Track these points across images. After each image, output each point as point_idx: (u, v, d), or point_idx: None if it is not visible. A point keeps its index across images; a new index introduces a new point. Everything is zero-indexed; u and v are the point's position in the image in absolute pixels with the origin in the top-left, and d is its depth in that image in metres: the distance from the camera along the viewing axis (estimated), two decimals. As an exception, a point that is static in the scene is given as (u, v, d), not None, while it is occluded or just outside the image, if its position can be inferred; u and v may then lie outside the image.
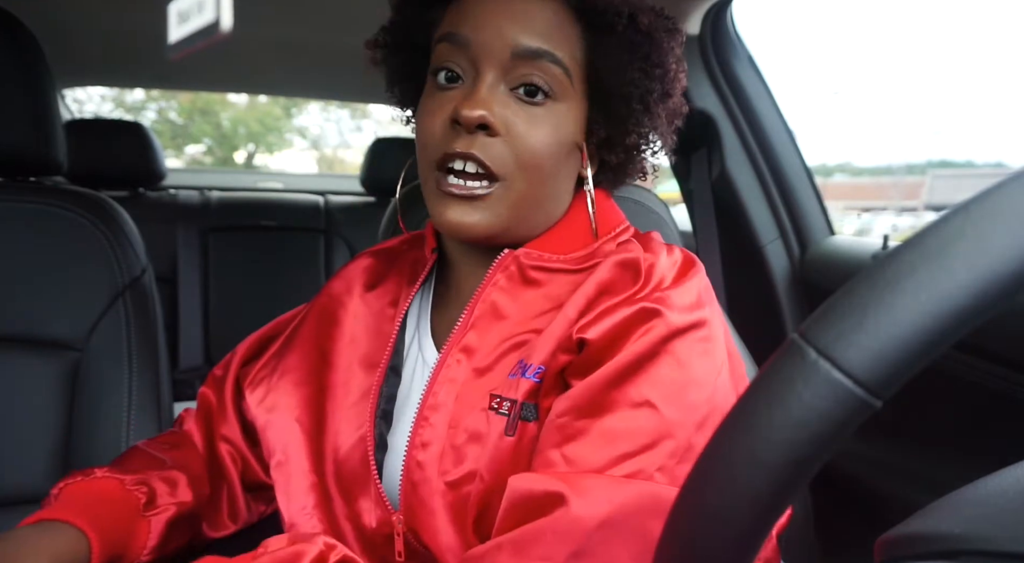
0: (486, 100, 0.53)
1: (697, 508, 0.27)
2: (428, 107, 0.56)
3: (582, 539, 0.45)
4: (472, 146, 0.53)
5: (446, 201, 0.55)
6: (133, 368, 0.85)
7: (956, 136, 58.04)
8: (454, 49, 0.55)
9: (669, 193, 1.66)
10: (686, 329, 0.52)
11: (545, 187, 0.57)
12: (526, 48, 0.53)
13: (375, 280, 0.68)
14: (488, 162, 0.53)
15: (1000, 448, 0.80)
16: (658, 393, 0.49)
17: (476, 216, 0.54)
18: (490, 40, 0.53)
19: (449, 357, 0.57)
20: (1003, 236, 0.23)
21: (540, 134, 0.54)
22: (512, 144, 0.54)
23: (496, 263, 0.58)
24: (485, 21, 0.54)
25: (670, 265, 0.56)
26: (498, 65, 0.54)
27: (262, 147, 12.39)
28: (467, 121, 0.52)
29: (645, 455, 0.48)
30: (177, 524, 0.61)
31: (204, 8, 0.35)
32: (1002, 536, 0.26)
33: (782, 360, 0.25)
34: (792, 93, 39.64)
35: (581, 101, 0.57)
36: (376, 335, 0.65)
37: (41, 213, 0.87)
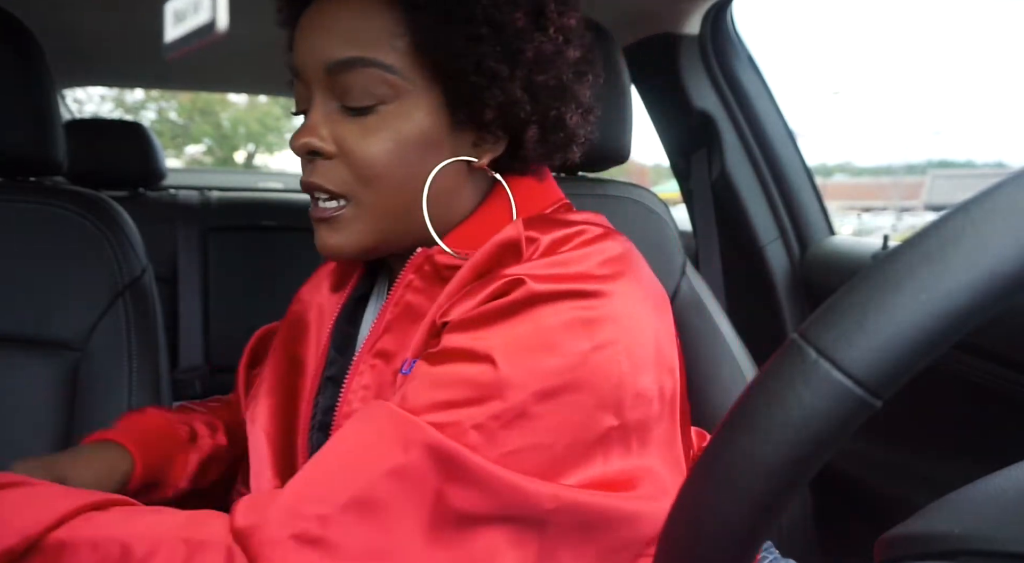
0: (312, 125, 0.52)
1: (696, 508, 0.27)
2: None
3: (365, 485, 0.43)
4: (312, 175, 0.53)
5: (317, 226, 0.55)
6: (133, 368, 0.85)
7: (956, 136, 58.01)
8: (296, 81, 0.56)
9: (669, 193, 1.66)
10: (555, 296, 0.47)
11: (401, 193, 0.54)
12: (337, 61, 0.51)
13: (340, 279, 0.68)
14: (328, 186, 0.53)
15: (1000, 448, 0.80)
16: (502, 351, 0.45)
17: (338, 237, 0.54)
18: (307, 63, 0.53)
19: (362, 363, 0.56)
20: (1003, 236, 0.23)
21: (375, 145, 0.52)
22: (348, 162, 0.53)
23: (408, 263, 0.56)
24: (302, 45, 0.54)
25: (558, 239, 0.51)
26: (321, 87, 0.53)
27: (262, 147, 12.39)
28: (295, 151, 0.53)
29: (466, 409, 0.45)
30: (213, 459, 0.69)
31: (200, 8, 0.35)
32: (1002, 536, 0.26)
33: (782, 360, 0.25)
34: (792, 93, 39.64)
35: (428, 89, 0.53)
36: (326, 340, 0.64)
37: (41, 213, 0.87)
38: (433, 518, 0.43)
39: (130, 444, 0.61)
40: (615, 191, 0.92)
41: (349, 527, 0.42)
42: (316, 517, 0.42)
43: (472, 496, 0.44)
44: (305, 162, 0.54)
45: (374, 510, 0.43)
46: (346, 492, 0.43)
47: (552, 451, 0.46)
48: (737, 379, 0.88)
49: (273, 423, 0.62)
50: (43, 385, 0.82)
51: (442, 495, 0.43)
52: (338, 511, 0.42)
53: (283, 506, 0.43)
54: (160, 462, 0.63)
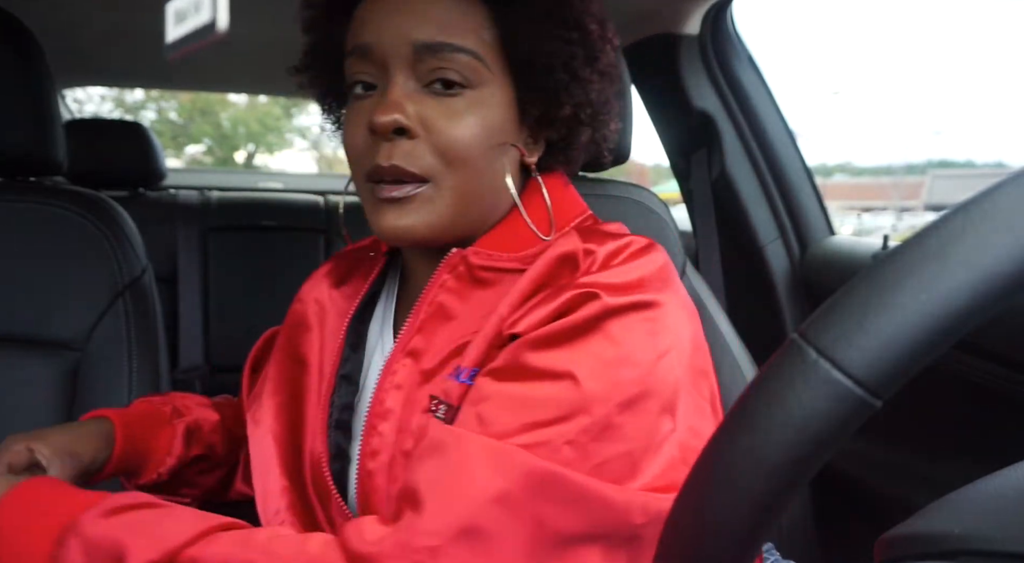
0: (397, 102, 0.52)
1: (696, 508, 0.27)
2: (349, 119, 0.56)
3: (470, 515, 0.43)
4: (392, 157, 0.52)
5: (381, 208, 0.54)
6: (133, 368, 0.85)
7: (956, 136, 58.02)
8: (361, 59, 0.54)
9: (669, 193, 1.67)
10: (624, 308, 0.49)
11: (480, 180, 0.55)
12: (425, 43, 0.52)
13: (341, 278, 0.68)
14: (412, 169, 0.52)
15: (1000, 448, 0.80)
16: (582, 366, 0.47)
17: (411, 218, 0.53)
18: (390, 42, 0.52)
19: (395, 363, 0.56)
20: (1003, 236, 0.23)
21: (463, 126, 0.53)
22: (434, 141, 0.52)
23: (443, 263, 0.57)
24: (382, 24, 0.53)
25: (612, 251, 0.53)
26: (404, 65, 0.52)
27: (262, 147, 12.39)
28: (382, 127, 0.51)
29: (556, 427, 0.46)
30: (196, 430, 0.70)
31: (201, 8, 0.35)
32: (1002, 536, 0.26)
33: (782, 360, 0.25)
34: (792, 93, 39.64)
35: (504, 83, 0.55)
36: (337, 337, 0.63)
37: (41, 213, 0.87)
38: (534, 542, 0.44)
39: (113, 416, 0.64)
40: (615, 191, 0.92)
41: (459, 558, 0.43)
42: (427, 550, 0.43)
43: (569, 515, 0.45)
44: (369, 145, 0.53)
45: (481, 539, 0.43)
46: (454, 524, 0.43)
47: (632, 457, 0.47)
48: (737, 379, 0.88)
49: (280, 422, 0.62)
50: (43, 385, 0.82)
51: (542, 518, 0.44)
52: (448, 542, 0.43)
53: (397, 541, 0.44)
54: (143, 433, 0.65)
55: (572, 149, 0.60)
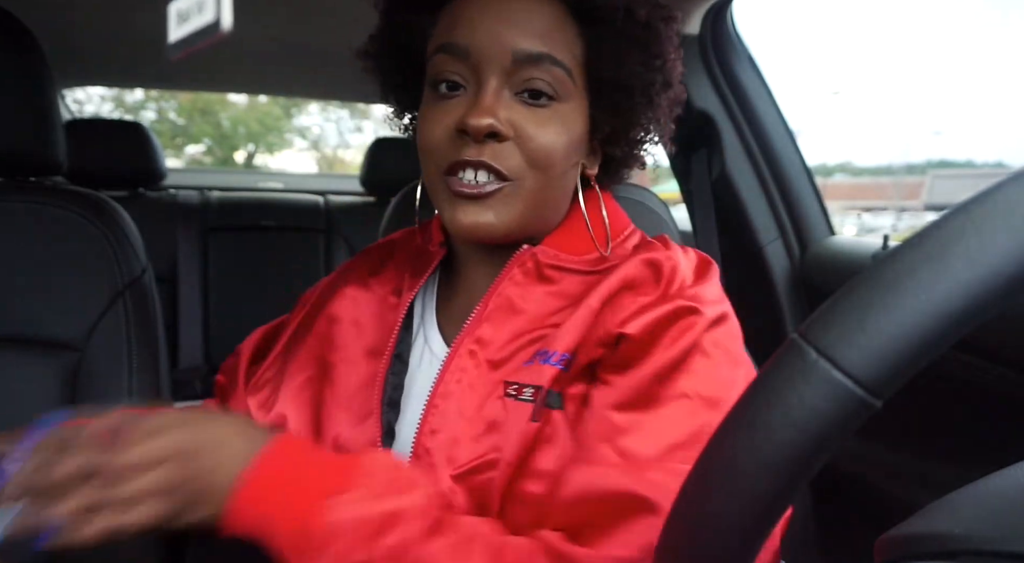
0: (492, 107, 0.53)
1: (697, 508, 0.27)
2: (431, 116, 0.56)
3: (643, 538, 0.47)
4: (482, 154, 0.53)
5: (458, 203, 0.55)
6: (133, 368, 0.85)
7: (956, 136, 58.01)
8: (452, 59, 0.55)
9: (669, 193, 1.66)
10: (718, 322, 0.54)
11: (556, 185, 0.58)
12: (526, 52, 0.53)
13: (377, 268, 0.69)
14: (499, 167, 0.54)
15: (1000, 448, 0.80)
16: (698, 386, 0.51)
17: (489, 215, 0.55)
18: (489, 47, 0.53)
19: (462, 347, 0.58)
20: (1003, 236, 0.23)
21: (550, 134, 0.55)
22: (522, 145, 0.54)
23: (514, 258, 0.59)
24: (482, 28, 0.54)
25: (689, 264, 0.58)
26: (500, 71, 0.54)
27: (262, 147, 12.39)
28: (476, 130, 0.52)
29: (693, 446, 0.49)
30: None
31: (204, 8, 0.35)
32: (1002, 536, 0.26)
33: (782, 360, 0.25)
34: (792, 93, 39.62)
35: (583, 98, 0.57)
36: (380, 323, 0.65)
37: (41, 213, 0.87)
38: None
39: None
40: (615, 191, 0.92)
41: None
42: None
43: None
44: (451, 141, 0.55)
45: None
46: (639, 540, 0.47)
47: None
48: (737, 379, 0.88)
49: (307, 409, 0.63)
50: (43, 385, 0.82)
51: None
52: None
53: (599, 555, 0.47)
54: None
55: (629, 166, 0.64)
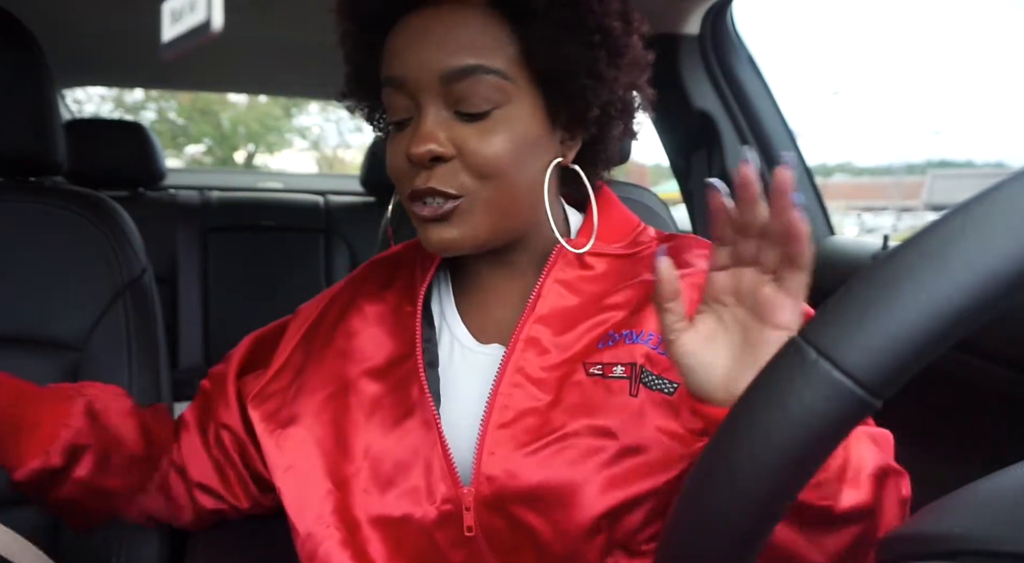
0: (431, 133, 0.54)
1: (698, 508, 0.27)
2: (390, 147, 0.58)
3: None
4: (429, 180, 0.54)
5: (425, 225, 0.57)
6: (133, 368, 0.85)
7: (956, 136, 57.98)
8: (394, 91, 0.56)
9: (669, 193, 1.66)
10: None
11: (517, 187, 0.57)
12: (453, 69, 0.53)
13: (387, 281, 0.69)
14: (447, 189, 0.55)
15: (1000, 448, 0.80)
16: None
17: (454, 232, 0.56)
18: (418, 73, 0.54)
19: (516, 348, 0.58)
20: (1003, 236, 0.23)
21: (494, 145, 0.55)
22: (466, 161, 0.55)
23: (556, 252, 0.61)
24: (409, 55, 0.55)
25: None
26: (433, 95, 0.54)
27: (262, 147, 12.39)
28: (418, 159, 0.54)
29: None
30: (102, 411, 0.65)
31: (196, 7, 0.35)
32: (1002, 536, 0.26)
33: (782, 360, 0.25)
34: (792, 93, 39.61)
35: (530, 93, 0.57)
36: (401, 330, 0.65)
37: (41, 213, 0.87)
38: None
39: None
40: (615, 191, 0.92)
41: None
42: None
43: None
44: (408, 169, 0.56)
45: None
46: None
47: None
48: (737, 379, 0.88)
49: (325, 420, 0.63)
50: (43, 385, 0.82)
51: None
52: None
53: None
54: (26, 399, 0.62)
55: (608, 144, 0.63)
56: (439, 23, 0.54)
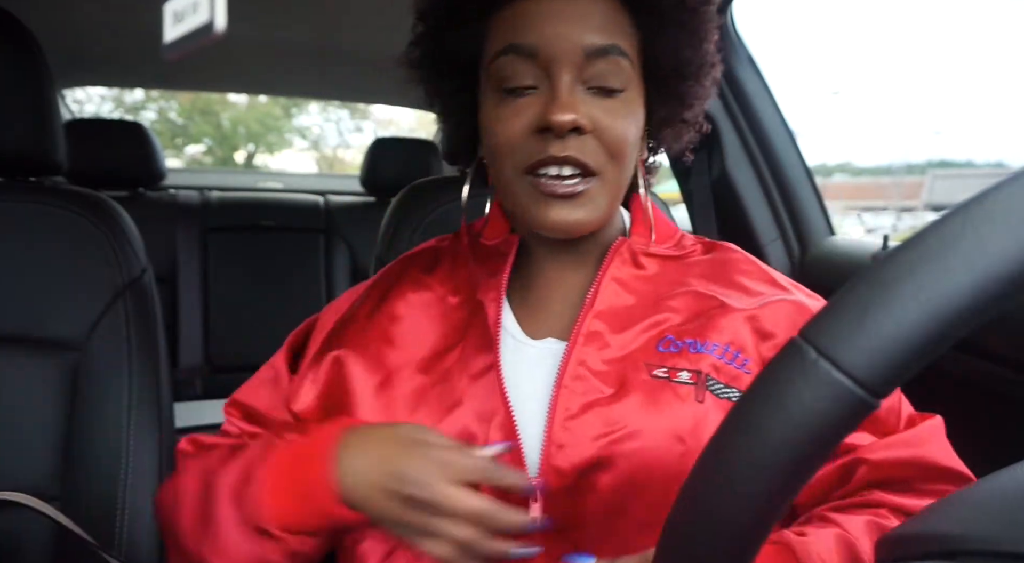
0: (572, 102, 0.54)
1: (697, 508, 0.27)
2: (502, 116, 0.57)
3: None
4: (567, 149, 0.54)
5: (547, 202, 0.56)
6: (133, 368, 0.85)
7: (956, 136, 57.92)
8: (520, 59, 0.56)
9: (669, 193, 1.66)
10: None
11: (628, 175, 0.60)
12: (596, 46, 0.55)
13: (428, 270, 0.68)
14: (585, 161, 0.55)
15: (1000, 448, 0.80)
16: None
17: (581, 213, 0.56)
18: (558, 44, 0.55)
19: (578, 342, 0.58)
20: (1003, 236, 0.23)
21: (623, 125, 0.57)
22: (601, 138, 0.56)
23: (613, 249, 0.62)
24: (548, 27, 0.55)
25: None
26: (572, 67, 0.55)
27: (262, 147, 12.39)
28: (561, 126, 0.53)
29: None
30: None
31: (198, 8, 0.35)
32: (1002, 536, 0.26)
33: (782, 360, 0.25)
34: (792, 93, 39.55)
35: (640, 86, 0.59)
36: (444, 322, 0.63)
37: (41, 213, 0.87)
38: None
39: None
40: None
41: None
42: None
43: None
44: (527, 139, 0.56)
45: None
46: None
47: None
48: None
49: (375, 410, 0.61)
50: (43, 385, 0.82)
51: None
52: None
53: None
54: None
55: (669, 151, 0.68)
56: (577, 4, 0.56)
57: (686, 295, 0.61)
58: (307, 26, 1.48)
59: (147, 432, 0.84)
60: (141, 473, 0.82)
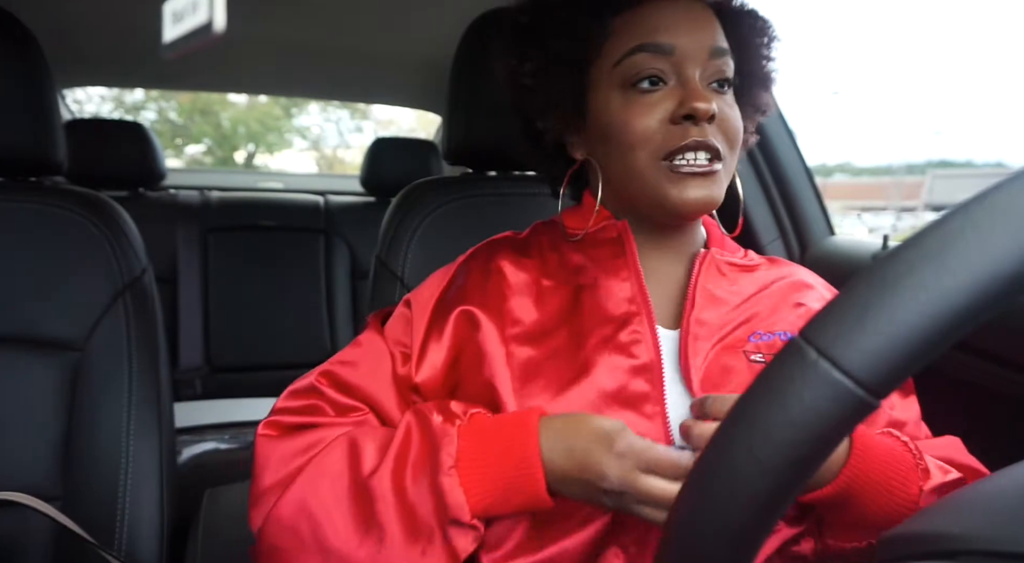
0: (706, 94, 0.60)
1: (698, 508, 0.27)
2: (637, 110, 0.62)
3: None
4: (707, 134, 0.60)
5: (685, 182, 0.61)
6: (133, 368, 0.85)
7: (956, 136, 57.86)
8: (654, 57, 0.61)
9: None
10: None
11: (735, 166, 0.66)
12: (718, 47, 0.62)
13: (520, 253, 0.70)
14: (718, 145, 0.61)
15: (1000, 448, 0.80)
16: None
17: (714, 189, 0.61)
18: (692, 44, 0.61)
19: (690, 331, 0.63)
20: (1003, 236, 0.23)
21: (736, 116, 0.63)
22: (723, 127, 0.62)
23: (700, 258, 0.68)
24: (682, 29, 0.62)
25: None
26: (700, 65, 0.62)
27: (262, 147, 12.39)
28: (704, 113, 0.59)
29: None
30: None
31: (198, 8, 0.35)
32: (1002, 536, 0.26)
33: (782, 360, 0.25)
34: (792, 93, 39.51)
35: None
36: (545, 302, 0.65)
37: (41, 213, 0.87)
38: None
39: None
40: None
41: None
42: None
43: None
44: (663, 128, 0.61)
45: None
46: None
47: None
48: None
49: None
50: (43, 385, 0.82)
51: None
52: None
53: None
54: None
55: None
56: (697, 10, 0.63)
57: (769, 296, 0.67)
58: (307, 26, 1.48)
59: (147, 432, 0.84)
60: (141, 473, 0.82)
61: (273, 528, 0.57)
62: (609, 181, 0.67)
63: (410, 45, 1.63)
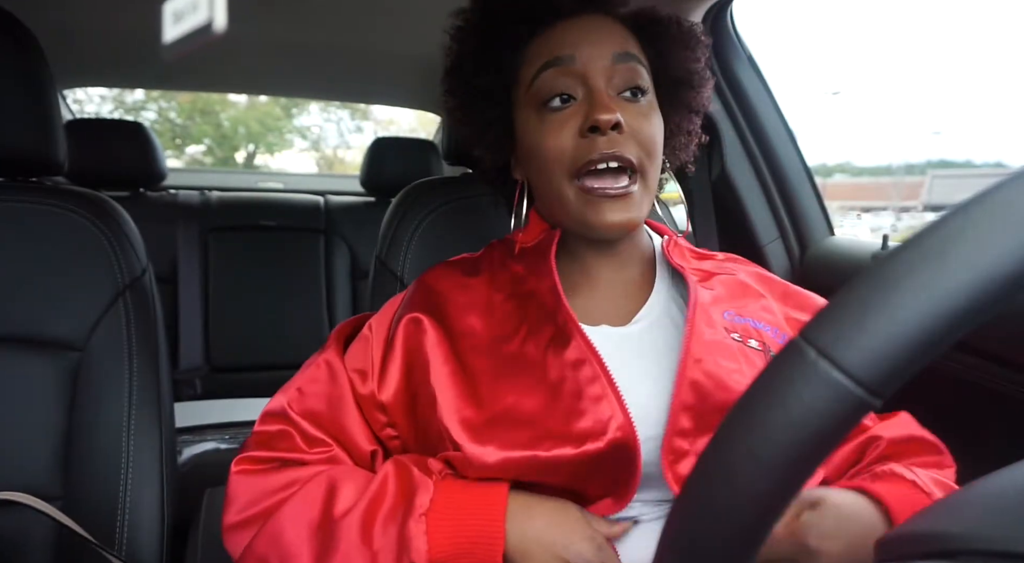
0: (610, 103, 0.60)
1: (697, 507, 0.27)
2: (548, 128, 0.63)
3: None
4: (614, 145, 0.60)
5: (600, 204, 0.61)
6: (133, 368, 0.85)
7: (956, 136, 57.83)
8: (560, 72, 0.62)
9: (669, 193, 1.66)
10: None
11: (658, 177, 0.65)
12: (621, 53, 0.62)
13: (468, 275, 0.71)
14: (629, 156, 0.60)
15: (1000, 448, 0.80)
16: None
17: (631, 213, 0.61)
18: (592, 52, 0.62)
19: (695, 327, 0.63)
20: (1003, 236, 0.23)
21: (651, 125, 0.62)
22: (636, 137, 0.61)
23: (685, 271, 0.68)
24: (582, 38, 0.63)
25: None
26: (604, 73, 0.62)
27: (262, 147, 12.39)
28: (606, 123, 0.59)
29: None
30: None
31: (198, 8, 0.35)
32: (1002, 536, 0.26)
33: (782, 360, 0.25)
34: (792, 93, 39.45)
35: (655, 98, 0.66)
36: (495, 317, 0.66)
37: (41, 213, 0.87)
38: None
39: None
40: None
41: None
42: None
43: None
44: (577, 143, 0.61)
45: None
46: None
47: None
48: (737, 379, 0.88)
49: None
50: (43, 385, 0.82)
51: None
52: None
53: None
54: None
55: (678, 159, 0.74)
56: (600, 22, 0.64)
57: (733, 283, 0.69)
58: (307, 26, 1.48)
59: (147, 432, 0.84)
60: (141, 473, 0.82)
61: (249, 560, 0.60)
62: (540, 199, 0.69)
63: (410, 45, 1.63)
